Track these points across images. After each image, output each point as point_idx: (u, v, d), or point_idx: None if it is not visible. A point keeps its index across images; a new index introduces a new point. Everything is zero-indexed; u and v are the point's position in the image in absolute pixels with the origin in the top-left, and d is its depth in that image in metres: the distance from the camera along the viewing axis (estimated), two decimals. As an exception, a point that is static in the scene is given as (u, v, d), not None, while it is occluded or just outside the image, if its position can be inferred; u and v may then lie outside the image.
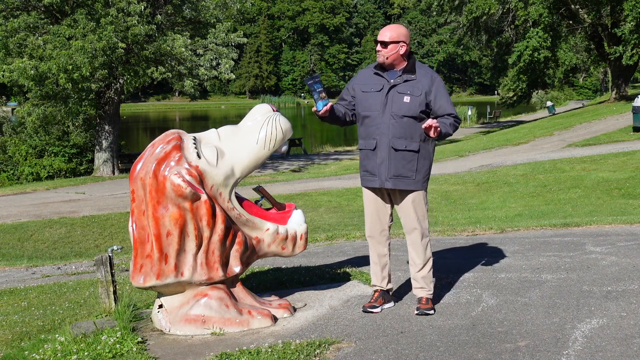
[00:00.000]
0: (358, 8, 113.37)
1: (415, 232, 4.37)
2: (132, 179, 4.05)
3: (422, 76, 4.31)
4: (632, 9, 26.62)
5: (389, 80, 4.31)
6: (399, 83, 4.29)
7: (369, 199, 4.46)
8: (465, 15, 33.32)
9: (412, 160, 4.26)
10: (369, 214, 4.48)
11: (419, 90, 4.26)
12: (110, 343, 3.86)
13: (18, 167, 21.09)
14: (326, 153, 28.54)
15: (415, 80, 4.29)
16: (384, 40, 4.29)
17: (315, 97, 4.25)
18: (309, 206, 12.67)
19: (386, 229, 4.48)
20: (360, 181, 4.49)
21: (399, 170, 4.25)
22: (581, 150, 18.06)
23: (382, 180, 4.29)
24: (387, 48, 4.29)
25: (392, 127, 4.23)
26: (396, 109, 4.24)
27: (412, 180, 4.28)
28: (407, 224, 4.39)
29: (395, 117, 4.24)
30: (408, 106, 4.23)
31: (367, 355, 3.63)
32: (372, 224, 4.47)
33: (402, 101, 4.24)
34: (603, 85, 60.21)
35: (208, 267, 4.03)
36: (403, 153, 4.24)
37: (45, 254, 10.60)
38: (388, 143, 4.24)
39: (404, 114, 4.23)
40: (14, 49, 17.48)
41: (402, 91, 4.26)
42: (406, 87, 4.27)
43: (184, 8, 19.91)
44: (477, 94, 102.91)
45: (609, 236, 6.86)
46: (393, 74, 4.33)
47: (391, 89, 4.28)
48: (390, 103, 4.26)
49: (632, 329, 3.84)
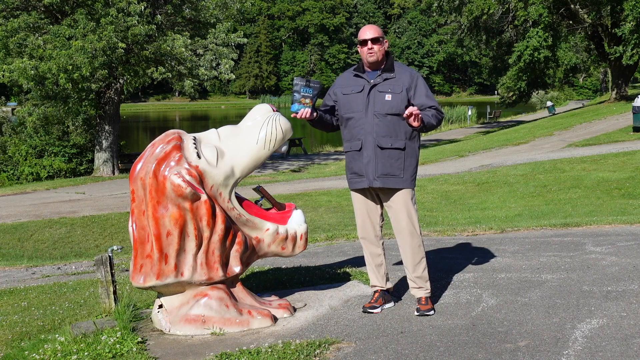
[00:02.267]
0: (358, 8, 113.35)
1: (405, 232, 4.35)
2: (132, 179, 4.05)
3: (401, 74, 4.34)
4: (632, 9, 26.62)
5: (369, 81, 4.34)
6: (379, 82, 4.31)
7: (358, 201, 4.47)
8: (465, 15, 33.32)
9: (399, 158, 4.27)
10: (360, 215, 4.49)
11: (400, 87, 4.28)
12: (110, 343, 3.86)
13: (18, 167, 21.08)
14: (326, 153, 28.52)
15: (395, 78, 4.31)
16: (375, 37, 4.29)
17: (295, 97, 4.22)
18: (309, 206, 12.67)
19: (378, 229, 4.49)
20: (348, 185, 4.49)
21: (386, 169, 4.26)
22: (581, 150, 18.06)
23: (370, 179, 4.29)
24: (379, 44, 4.31)
25: (377, 126, 4.25)
26: (379, 108, 4.26)
27: (400, 179, 4.29)
28: (397, 223, 4.38)
29: (378, 116, 4.25)
30: (390, 104, 4.24)
31: (367, 355, 3.63)
32: (364, 225, 4.48)
33: (383, 99, 4.26)
34: (603, 85, 60.23)
35: (208, 267, 4.03)
36: (389, 151, 4.25)
37: (45, 254, 10.60)
38: (373, 142, 4.25)
39: (387, 112, 4.25)
40: (14, 49, 17.48)
41: (383, 90, 4.28)
42: (386, 85, 4.29)
43: (184, 8, 19.91)
44: (477, 94, 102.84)
45: (609, 236, 6.86)
46: (372, 74, 4.36)
47: (372, 88, 4.30)
48: (372, 102, 4.27)
49: (632, 329, 3.84)
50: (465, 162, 18.87)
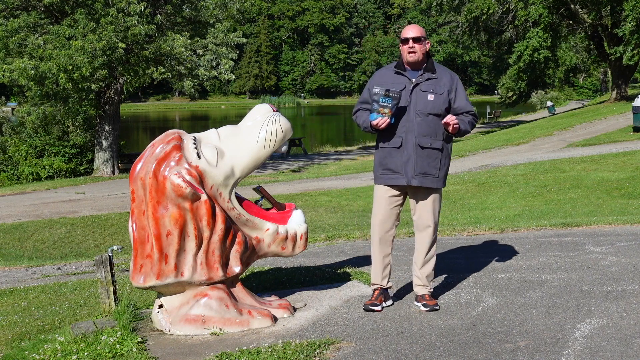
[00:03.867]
0: (358, 8, 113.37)
1: (428, 230, 4.43)
2: (132, 179, 4.05)
3: (443, 74, 4.38)
4: (633, 9, 26.60)
5: (411, 79, 4.34)
6: (421, 81, 4.33)
7: (383, 198, 4.44)
8: (464, 15, 33.30)
9: (436, 158, 4.32)
10: (381, 212, 4.45)
11: (442, 88, 4.32)
12: (110, 343, 3.86)
13: (18, 167, 21.06)
14: (326, 153, 28.52)
15: (437, 78, 4.34)
16: (417, 37, 4.31)
17: (374, 107, 4.23)
18: (309, 206, 12.66)
19: (394, 229, 4.51)
20: (376, 180, 4.47)
21: (424, 168, 4.30)
22: (581, 150, 18.06)
23: (409, 177, 4.31)
24: (420, 44, 4.32)
25: (418, 125, 4.28)
26: (421, 107, 4.28)
27: (435, 178, 4.35)
28: (422, 221, 4.43)
29: (420, 115, 4.28)
30: (432, 104, 4.28)
31: (367, 355, 3.63)
32: (383, 223, 4.46)
33: (426, 99, 4.29)
34: (603, 85, 60.21)
35: (208, 267, 4.03)
36: (429, 151, 4.29)
37: (45, 254, 10.60)
38: (414, 141, 4.28)
39: (429, 111, 4.28)
40: (14, 49, 17.47)
41: (425, 89, 4.31)
42: (429, 85, 4.32)
43: (183, 8, 19.90)
44: (477, 94, 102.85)
45: (609, 236, 6.86)
46: (414, 73, 4.37)
47: (414, 87, 4.32)
48: (414, 101, 4.30)
49: (632, 329, 3.85)
50: (465, 162, 18.87)
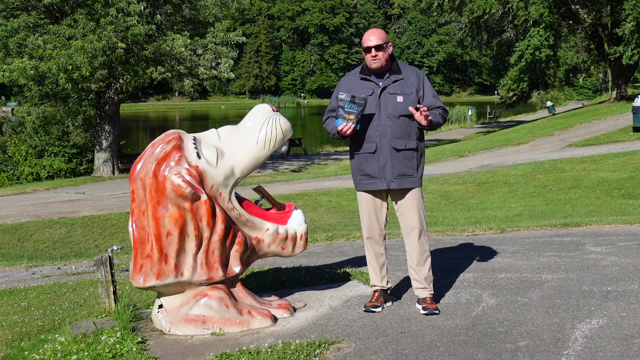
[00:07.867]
0: (358, 8, 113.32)
1: (415, 232, 4.41)
2: (132, 179, 4.05)
3: (409, 74, 4.39)
4: (633, 8, 26.61)
5: (378, 84, 4.36)
6: (388, 84, 4.35)
7: (367, 202, 4.47)
8: (465, 15, 33.30)
9: (412, 158, 4.34)
10: (367, 216, 4.49)
11: (409, 88, 4.33)
12: (110, 343, 3.86)
13: (18, 167, 21.06)
14: (326, 153, 28.52)
15: (403, 79, 4.36)
16: (379, 44, 4.30)
17: (339, 113, 4.22)
18: (309, 206, 12.67)
19: (383, 229, 4.53)
20: (356, 186, 4.49)
21: (402, 170, 4.32)
22: (581, 150, 18.06)
23: (388, 181, 4.33)
24: (382, 51, 4.32)
25: (391, 128, 4.29)
26: (391, 110, 4.30)
27: (414, 178, 4.38)
28: (408, 222, 4.42)
29: (392, 118, 4.30)
30: (402, 105, 4.30)
31: (367, 355, 3.63)
32: (371, 226, 4.50)
33: (395, 101, 4.31)
34: (603, 85, 60.19)
35: (208, 267, 4.03)
36: (404, 152, 4.31)
37: (45, 254, 10.60)
38: (389, 144, 4.30)
39: (400, 113, 4.30)
40: (14, 49, 17.47)
41: (393, 92, 4.32)
42: (396, 87, 4.34)
43: (183, 7, 19.90)
44: (477, 94, 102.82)
45: (609, 236, 6.86)
46: (380, 77, 4.38)
47: (382, 91, 4.33)
48: (384, 105, 4.31)
49: (632, 329, 3.84)
50: (466, 162, 18.87)
